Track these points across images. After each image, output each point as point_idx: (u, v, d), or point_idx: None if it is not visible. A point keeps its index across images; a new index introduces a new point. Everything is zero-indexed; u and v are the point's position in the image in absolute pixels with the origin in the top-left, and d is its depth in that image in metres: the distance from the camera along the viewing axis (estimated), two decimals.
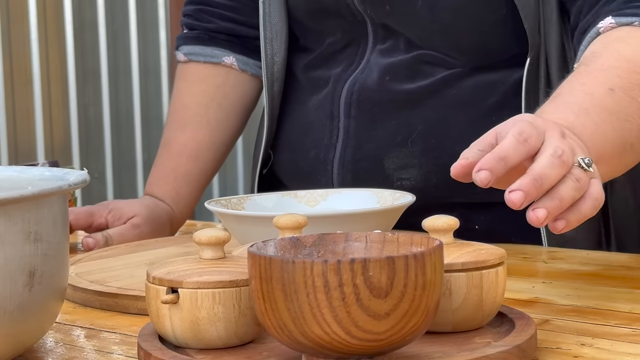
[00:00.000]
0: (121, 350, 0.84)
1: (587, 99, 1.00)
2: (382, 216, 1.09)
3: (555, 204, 0.81)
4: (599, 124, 0.98)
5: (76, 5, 3.48)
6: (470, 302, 0.79)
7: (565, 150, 0.83)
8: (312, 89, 1.37)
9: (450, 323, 0.80)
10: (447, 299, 0.79)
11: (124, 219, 1.36)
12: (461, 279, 0.79)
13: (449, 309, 0.79)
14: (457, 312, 0.79)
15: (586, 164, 0.84)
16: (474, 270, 0.80)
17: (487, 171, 0.80)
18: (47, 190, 0.74)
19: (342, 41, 1.33)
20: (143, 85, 3.72)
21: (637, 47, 1.08)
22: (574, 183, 0.82)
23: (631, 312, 0.91)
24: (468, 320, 0.80)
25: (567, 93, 1.02)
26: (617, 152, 1.00)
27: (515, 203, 0.80)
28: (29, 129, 3.36)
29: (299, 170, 1.36)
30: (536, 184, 0.80)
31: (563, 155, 0.82)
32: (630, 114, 1.02)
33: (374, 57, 1.29)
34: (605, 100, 1.01)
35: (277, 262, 0.68)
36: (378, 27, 1.29)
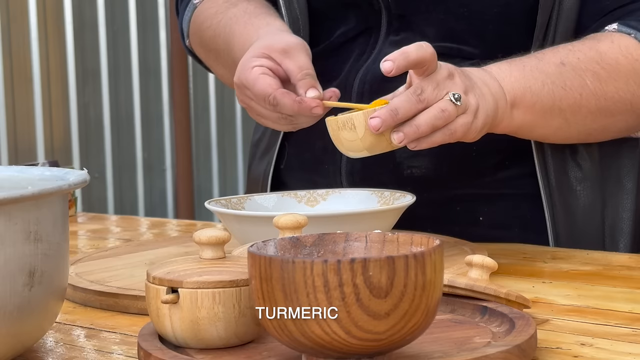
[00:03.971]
0: (121, 350, 0.84)
1: (532, 60, 1.15)
2: (382, 216, 1.09)
3: (412, 129, 1.01)
4: (527, 77, 1.13)
5: (76, 5, 3.48)
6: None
7: (426, 88, 1.01)
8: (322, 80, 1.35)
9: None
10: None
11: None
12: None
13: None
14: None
15: (455, 98, 1.02)
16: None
17: (379, 119, 1.00)
18: (47, 190, 0.74)
19: (355, 30, 1.31)
20: (143, 85, 3.72)
21: (616, 49, 1.16)
22: (437, 112, 1.01)
23: (631, 312, 0.91)
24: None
25: (526, 55, 1.17)
26: (541, 108, 1.14)
27: (373, 127, 1.00)
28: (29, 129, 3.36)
29: (305, 160, 1.35)
30: (392, 114, 1.00)
31: (422, 94, 1.01)
32: (569, 85, 1.14)
33: (386, 47, 1.28)
34: (549, 66, 1.15)
35: (277, 262, 0.68)
36: (393, 18, 1.27)
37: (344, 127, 1.03)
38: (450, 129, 1.02)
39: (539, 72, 1.14)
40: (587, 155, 1.25)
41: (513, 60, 1.15)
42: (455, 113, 1.02)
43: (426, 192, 1.20)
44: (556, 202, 1.24)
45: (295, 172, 1.38)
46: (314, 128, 1.34)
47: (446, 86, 1.03)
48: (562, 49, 1.17)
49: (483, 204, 1.28)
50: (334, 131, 1.05)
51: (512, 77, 1.13)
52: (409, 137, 1.01)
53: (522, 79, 1.13)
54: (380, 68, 1.01)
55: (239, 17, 1.29)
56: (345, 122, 1.03)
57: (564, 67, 1.15)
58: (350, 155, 1.05)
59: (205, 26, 1.36)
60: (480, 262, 0.87)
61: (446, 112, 1.01)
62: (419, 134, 1.01)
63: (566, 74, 1.15)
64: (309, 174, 1.33)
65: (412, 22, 1.26)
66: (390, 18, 1.28)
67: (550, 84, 1.14)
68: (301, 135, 1.36)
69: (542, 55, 1.16)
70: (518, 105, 1.12)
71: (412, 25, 1.26)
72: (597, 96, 1.16)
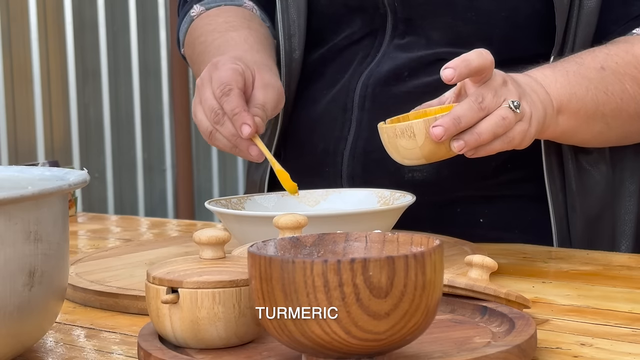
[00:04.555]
0: (121, 350, 0.84)
1: (573, 66, 1.15)
2: (382, 216, 1.09)
3: (473, 137, 1.00)
4: (571, 83, 1.13)
5: (76, 5, 3.48)
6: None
7: (486, 96, 1.01)
8: (325, 83, 1.35)
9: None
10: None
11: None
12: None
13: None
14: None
15: (515, 106, 1.01)
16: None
17: (442, 127, 0.99)
18: (47, 190, 0.74)
19: (360, 33, 1.31)
20: (143, 85, 3.72)
21: None
22: (498, 120, 1.00)
23: (631, 312, 0.91)
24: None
25: (564, 59, 1.17)
26: (585, 113, 1.14)
27: (436, 135, 0.99)
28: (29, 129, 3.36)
29: (306, 163, 1.35)
30: (454, 122, 0.99)
31: (483, 102, 1.00)
32: (611, 90, 1.15)
33: (391, 50, 1.28)
34: (591, 71, 1.15)
35: (277, 262, 0.68)
36: (399, 22, 1.27)
37: (402, 135, 1.02)
38: (509, 136, 1.02)
39: (582, 77, 1.14)
40: (600, 158, 1.25)
41: (554, 65, 1.16)
42: (515, 120, 1.02)
43: (427, 195, 1.19)
44: (563, 204, 1.24)
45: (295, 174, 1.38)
46: (315, 130, 1.34)
47: (503, 93, 1.02)
48: (599, 53, 1.17)
49: (484, 205, 1.28)
50: (390, 139, 1.03)
51: (558, 82, 1.13)
52: (470, 145, 1.00)
53: (567, 85, 1.13)
54: (441, 75, 1.00)
55: (238, 43, 1.28)
56: (405, 130, 1.01)
57: (604, 72, 1.16)
58: (406, 163, 1.04)
59: (199, 41, 1.36)
60: (480, 262, 0.87)
61: (507, 119, 1.01)
62: (480, 142, 1.00)
63: (607, 78, 1.16)
64: (310, 177, 1.33)
65: (418, 26, 1.26)
66: (395, 21, 1.27)
67: (593, 90, 1.15)
68: (303, 137, 1.35)
69: (582, 60, 1.16)
70: (564, 111, 1.13)
71: (418, 29, 1.26)
72: (636, 100, 1.17)
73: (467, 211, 1.28)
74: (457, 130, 1.00)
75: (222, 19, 1.35)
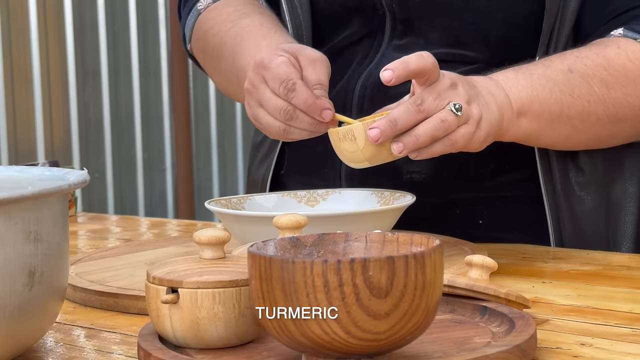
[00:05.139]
0: (121, 350, 0.84)
1: (539, 68, 1.14)
2: (382, 216, 1.09)
3: (411, 140, 1.00)
4: (534, 85, 1.13)
5: (76, 5, 3.48)
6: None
7: (426, 99, 1.01)
8: None
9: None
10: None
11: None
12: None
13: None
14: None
15: (456, 109, 1.01)
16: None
17: (378, 130, 1.00)
18: (47, 190, 0.74)
19: (359, 34, 1.31)
20: (143, 85, 3.72)
21: (623, 54, 1.16)
22: (437, 123, 1.00)
23: (631, 312, 0.91)
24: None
25: (533, 62, 1.17)
26: (549, 116, 1.13)
27: (372, 138, 1.00)
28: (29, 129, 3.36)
29: (304, 164, 1.35)
30: (390, 124, 1.00)
31: (422, 104, 1.01)
32: (577, 93, 1.14)
33: (390, 52, 1.28)
34: (557, 73, 1.14)
35: (277, 262, 0.68)
36: (397, 22, 1.27)
37: (345, 139, 1.03)
38: (450, 139, 1.02)
39: (546, 79, 1.13)
40: (589, 160, 1.25)
41: (520, 68, 1.15)
42: (456, 123, 1.01)
43: (425, 197, 1.19)
44: (559, 206, 1.24)
45: (295, 175, 1.38)
46: None
47: (448, 96, 1.02)
48: (569, 56, 1.16)
49: (483, 207, 1.27)
50: (335, 142, 1.05)
51: (520, 85, 1.12)
52: (409, 148, 1.01)
53: (529, 87, 1.12)
54: (380, 77, 1.01)
55: (254, 29, 1.27)
56: (346, 134, 1.03)
57: (572, 74, 1.14)
58: (352, 165, 1.05)
59: (211, 33, 1.34)
60: (480, 262, 0.87)
61: (446, 122, 1.01)
62: (418, 144, 1.01)
63: (574, 81, 1.14)
64: (309, 177, 1.33)
65: (416, 27, 1.26)
66: (394, 22, 1.27)
67: (558, 92, 1.14)
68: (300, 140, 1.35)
69: (549, 63, 1.15)
70: (525, 113, 1.12)
71: (416, 30, 1.26)
72: (605, 103, 1.16)
73: (465, 212, 1.27)
74: (393, 133, 1.00)
75: (232, 8, 1.34)
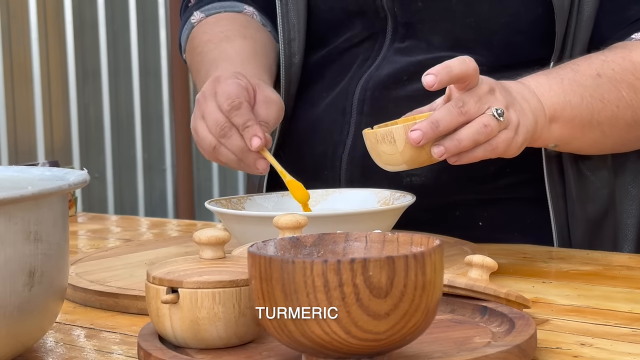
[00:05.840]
0: (121, 350, 0.84)
1: (569, 73, 1.14)
2: (382, 216, 1.09)
3: (453, 143, 0.99)
4: (566, 91, 1.12)
5: (76, 5, 3.48)
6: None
7: (468, 102, 1.00)
8: (325, 86, 1.34)
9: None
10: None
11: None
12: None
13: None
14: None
15: (498, 114, 1.00)
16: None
17: (420, 132, 0.98)
18: (47, 190, 0.74)
19: (360, 36, 1.31)
20: (143, 85, 3.72)
21: None
22: (480, 127, 0.99)
23: (631, 312, 0.91)
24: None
25: (560, 66, 1.16)
26: (580, 121, 1.13)
27: (414, 140, 0.98)
28: (29, 129, 3.36)
29: (304, 167, 1.35)
30: (432, 126, 0.98)
31: (463, 107, 0.99)
32: (607, 98, 1.14)
33: (391, 54, 1.28)
34: (586, 79, 1.14)
35: (277, 262, 0.68)
36: (399, 25, 1.27)
37: (383, 141, 1.01)
38: (492, 144, 1.01)
39: (577, 85, 1.13)
40: (601, 164, 1.25)
41: (549, 72, 1.14)
42: (498, 128, 1.01)
43: (426, 199, 1.19)
44: (568, 210, 1.23)
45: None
46: (314, 133, 1.33)
47: (488, 101, 1.01)
48: (596, 60, 1.16)
49: (482, 209, 1.27)
50: (372, 144, 1.03)
51: (552, 91, 1.12)
52: (450, 152, 0.99)
53: (561, 93, 1.12)
54: (422, 82, 0.99)
55: (231, 56, 1.28)
56: (385, 135, 1.01)
57: (601, 79, 1.14)
58: (388, 169, 1.04)
59: (196, 51, 1.36)
60: (480, 262, 0.87)
61: (489, 127, 1.00)
62: (460, 148, 0.99)
63: (603, 86, 1.14)
64: (308, 180, 1.32)
65: (418, 30, 1.26)
66: (395, 25, 1.27)
67: (588, 97, 1.13)
68: (301, 140, 1.35)
69: (577, 67, 1.15)
70: (557, 119, 1.12)
71: (418, 33, 1.26)
72: (633, 107, 1.16)
73: (466, 215, 1.27)
74: (435, 135, 0.99)
75: (218, 29, 1.35)
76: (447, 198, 1.26)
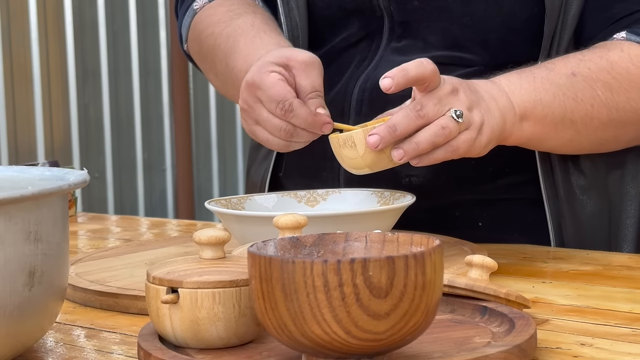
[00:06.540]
0: (121, 350, 0.84)
1: (543, 71, 1.14)
2: (382, 216, 1.09)
3: (411, 146, 1.00)
4: (537, 89, 1.12)
5: (76, 5, 3.48)
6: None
7: (426, 104, 1.00)
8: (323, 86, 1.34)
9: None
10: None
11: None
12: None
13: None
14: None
15: (457, 115, 1.01)
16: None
17: (377, 136, 0.99)
18: (47, 190, 0.75)
19: (357, 36, 1.31)
20: (143, 85, 3.72)
21: (627, 58, 1.15)
22: (437, 130, 1.00)
23: (631, 312, 0.91)
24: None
25: (536, 65, 1.16)
26: (552, 120, 1.13)
27: (372, 144, 0.99)
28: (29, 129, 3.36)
29: (303, 167, 1.35)
30: (390, 130, 0.99)
31: (421, 110, 1.00)
32: (580, 97, 1.13)
33: (388, 54, 1.27)
34: (560, 77, 1.14)
35: (277, 262, 0.68)
36: (396, 25, 1.27)
37: (345, 145, 1.03)
38: (452, 145, 1.01)
39: (549, 83, 1.13)
40: (591, 164, 1.24)
41: (523, 71, 1.14)
42: (457, 130, 1.01)
43: (424, 200, 1.19)
44: (560, 210, 1.23)
45: (294, 178, 1.38)
46: None
47: (449, 102, 1.02)
48: (573, 59, 1.16)
49: (482, 209, 1.27)
50: (336, 148, 1.05)
51: (522, 89, 1.12)
52: (409, 155, 1.00)
53: (532, 91, 1.12)
54: (380, 84, 1.00)
55: (246, 30, 1.27)
56: (346, 140, 1.03)
57: (575, 77, 1.14)
58: (353, 172, 1.05)
59: (205, 34, 1.34)
60: (480, 262, 0.87)
61: (447, 129, 1.00)
62: (418, 151, 1.00)
63: (577, 84, 1.14)
64: (308, 180, 1.33)
65: (415, 30, 1.26)
66: (392, 25, 1.27)
67: (561, 96, 1.13)
68: None
69: (553, 66, 1.15)
70: (528, 117, 1.12)
71: (415, 33, 1.26)
72: (608, 107, 1.15)
73: (465, 215, 1.27)
74: (393, 139, 0.99)
75: (225, 8, 1.34)
76: (446, 198, 1.26)
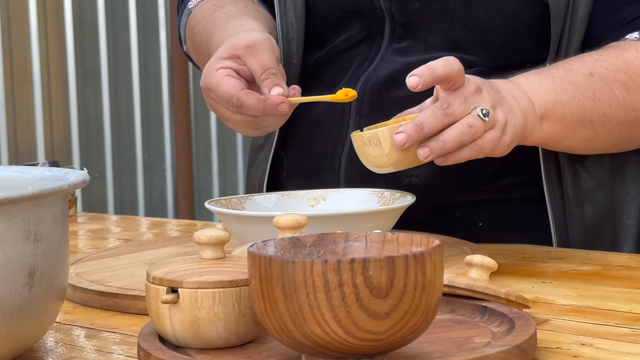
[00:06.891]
0: (121, 350, 0.84)
1: (561, 71, 1.14)
2: (382, 216, 1.09)
3: (438, 145, 0.99)
4: (557, 89, 1.12)
5: (76, 5, 3.48)
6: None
7: (453, 103, 1.00)
8: (323, 87, 1.34)
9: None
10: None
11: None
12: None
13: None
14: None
15: (483, 114, 1.00)
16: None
17: (404, 134, 0.99)
18: (47, 190, 0.75)
19: (358, 36, 1.31)
20: (143, 86, 3.72)
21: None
22: (464, 128, 0.99)
23: (631, 312, 0.91)
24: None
25: (553, 65, 1.17)
26: (571, 120, 1.13)
27: (399, 142, 0.99)
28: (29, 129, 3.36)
29: (303, 168, 1.35)
30: (417, 128, 0.99)
31: (448, 108, 0.99)
32: (599, 97, 1.13)
33: (389, 55, 1.27)
34: (578, 77, 1.14)
35: (277, 262, 0.68)
36: (397, 26, 1.27)
37: (370, 143, 1.02)
38: (478, 144, 1.01)
39: (568, 83, 1.13)
40: (598, 165, 1.24)
41: (541, 71, 1.14)
42: (483, 128, 1.01)
43: (425, 200, 1.19)
44: (566, 210, 1.23)
45: (294, 179, 1.38)
46: (313, 133, 1.33)
47: (474, 101, 1.01)
48: (589, 59, 1.16)
49: (482, 209, 1.27)
50: (359, 147, 1.04)
51: (542, 89, 1.12)
52: (435, 153, 1.00)
53: (552, 91, 1.12)
54: (407, 83, 1.00)
55: (220, 20, 1.28)
56: (371, 138, 1.01)
57: (593, 77, 1.14)
58: (376, 171, 1.04)
59: (194, 31, 1.36)
60: (480, 262, 0.87)
61: (474, 127, 1.00)
62: (445, 149, 1.00)
63: (595, 84, 1.14)
64: (308, 181, 1.33)
65: (416, 31, 1.26)
66: (393, 26, 1.27)
67: (580, 96, 1.13)
68: (301, 141, 1.35)
69: (570, 66, 1.15)
70: (548, 117, 1.12)
71: (416, 34, 1.26)
72: (625, 107, 1.16)
73: (465, 215, 1.27)
74: (420, 137, 0.99)
75: (212, 3, 1.35)
76: (446, 198, 1.26)
